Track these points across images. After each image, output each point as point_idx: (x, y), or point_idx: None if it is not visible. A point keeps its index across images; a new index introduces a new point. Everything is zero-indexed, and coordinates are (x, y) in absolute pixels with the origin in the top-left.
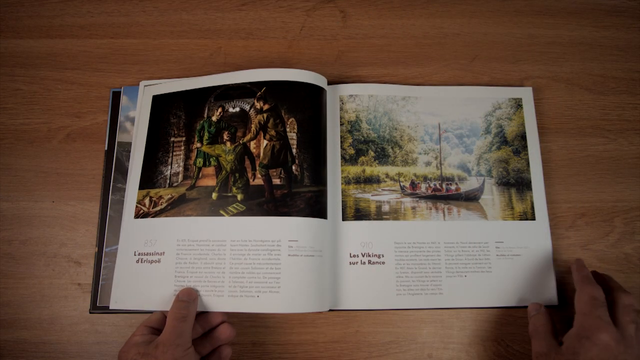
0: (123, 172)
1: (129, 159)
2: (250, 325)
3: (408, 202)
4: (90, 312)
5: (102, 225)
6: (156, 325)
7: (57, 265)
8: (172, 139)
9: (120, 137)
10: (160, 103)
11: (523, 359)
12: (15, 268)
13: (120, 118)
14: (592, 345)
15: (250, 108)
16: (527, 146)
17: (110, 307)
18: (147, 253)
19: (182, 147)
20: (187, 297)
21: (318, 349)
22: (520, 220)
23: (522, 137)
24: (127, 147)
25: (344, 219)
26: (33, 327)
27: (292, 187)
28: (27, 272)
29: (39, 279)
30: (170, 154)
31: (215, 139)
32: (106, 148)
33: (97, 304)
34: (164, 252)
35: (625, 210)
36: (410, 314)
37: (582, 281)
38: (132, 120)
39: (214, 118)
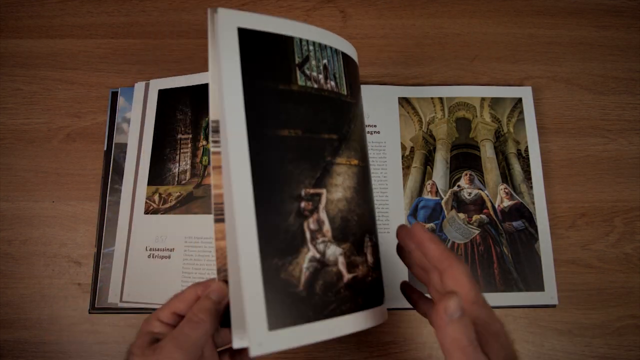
0: (120, 174)
1: (125, 160)
2: None
3: None
4: (89, 312)
5: (102, 225)
6: (184, 310)
7: (57, 265)
8: (179, 136)
9: (117, 139)
10: (166, 98)
11: (522, 358)
12: (15, 268)
13: (117, 119)
14: None
15: None
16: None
17: (123, 300)
18: (158, 249)
19: (189, 145)
20: (217, 296)
21: (318, 349)
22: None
23: None
24: (124, 148)
25: None
26: (33, 327)
27: None
28: (27, 272)
29: (39, 279)
30: (178, 152)
31: None
32: (105, 148)
33: (97, 305)
34: (173, 249)
35: (625, 210)
36: (410, 314)
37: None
38: (129, 122)
39: None
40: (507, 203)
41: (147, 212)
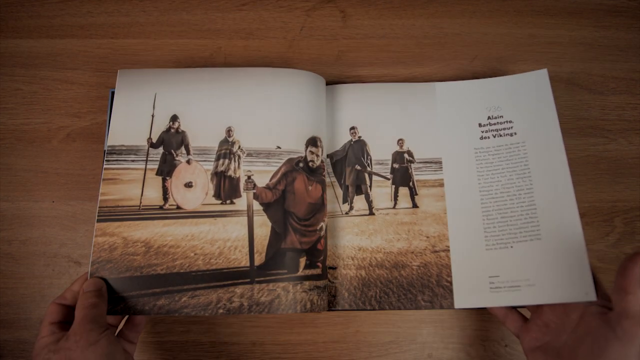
0: None
1: None
2: (250, 325)
3: None
4: None
5: None
6: (61, 318)
7: (57, 265)
8: None
9: None
10: None
11: (521, 358)
12: (15, 268)
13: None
14: None
15: None
16: None
17: None
18: None
19: None
20: (94, 287)
21: (318, 349)
22: None
23: None
24: None
25: None
26: (33, 327)
27: None
28: (27, 272)
29: (39, 279)
30: None
31: None
32: (105, 148)
33: None
34: None
35: (625, 210)
36: (410, 314)
37: None
38: None
39: None
40: None
41: None
